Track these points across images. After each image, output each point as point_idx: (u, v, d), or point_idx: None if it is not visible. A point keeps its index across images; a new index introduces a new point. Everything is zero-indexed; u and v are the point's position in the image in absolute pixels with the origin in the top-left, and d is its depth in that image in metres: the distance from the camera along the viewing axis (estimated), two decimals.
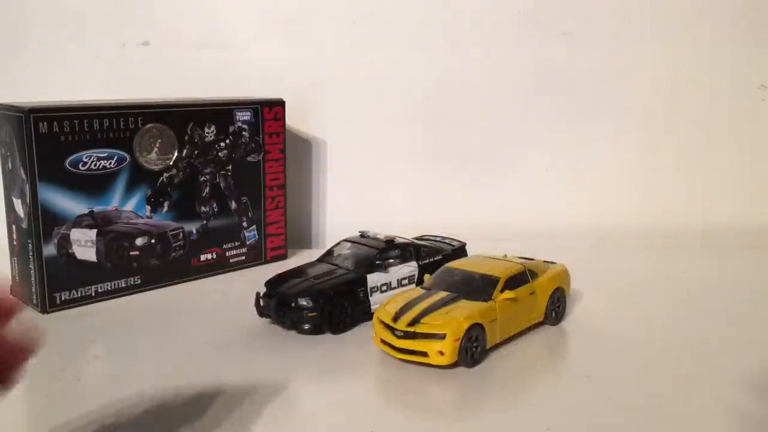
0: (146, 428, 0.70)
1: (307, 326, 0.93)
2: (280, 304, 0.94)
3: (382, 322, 0.86)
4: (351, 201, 1.46)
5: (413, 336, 0.83)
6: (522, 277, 0.93)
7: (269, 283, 0.99)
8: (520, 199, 1.46)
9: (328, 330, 0.94)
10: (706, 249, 1.35)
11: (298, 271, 1.01)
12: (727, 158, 1.46)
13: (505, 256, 1.01)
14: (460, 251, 1.12)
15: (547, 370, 0.86)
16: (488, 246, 1.06)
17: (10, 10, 1.38)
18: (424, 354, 0.82)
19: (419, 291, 0.92)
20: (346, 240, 1.07)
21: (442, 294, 0.89)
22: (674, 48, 1.41)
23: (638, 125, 1.45)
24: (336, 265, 1.02)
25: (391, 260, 1.02)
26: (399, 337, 0.84)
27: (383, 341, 0.86)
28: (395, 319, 0.85)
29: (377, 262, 1.01)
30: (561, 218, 1.44)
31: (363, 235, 1.07)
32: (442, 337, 0.81)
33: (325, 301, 0.93)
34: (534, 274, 0.96)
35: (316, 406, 0.76)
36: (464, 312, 0.84)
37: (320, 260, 1.05)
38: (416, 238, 1.14)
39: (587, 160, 1.46)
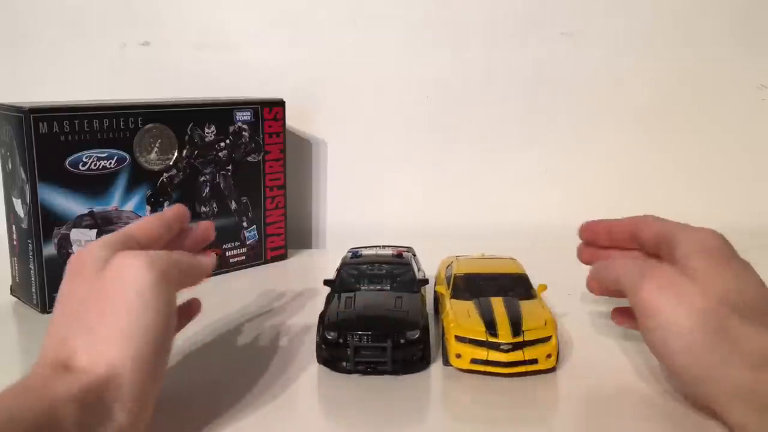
0: None
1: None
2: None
3: (473, 340, 0.79)
4: (351, 201, 1.46)
5: (522, 346, 0.78)
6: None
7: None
8: (520, 199, 1.46)
9: None
10: None
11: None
12: (727, 158, 1.46)
13: (483, 254, 1.01)
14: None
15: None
16: (488, 246, 1.06)
17: (10, 10, 1.38)
18: (534, 362, 0.78)
19: (467, 302, 0.86)
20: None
21: (498, 299, 0.85)
22: (674, 48, 1.42)
23: (638, 125, 1.45)
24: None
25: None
26: (507, 351, 0.78)
27: (476, 361, 0.78)
28: (492, 333, 0.79)
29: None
30: (561, 218, 1.44)
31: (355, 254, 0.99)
32: (549, 339, 0.79)
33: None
34: None
35: (316, 405, 0.76)
36: (544, 311, 0.83)
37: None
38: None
39: (587, 160, 1.46)
